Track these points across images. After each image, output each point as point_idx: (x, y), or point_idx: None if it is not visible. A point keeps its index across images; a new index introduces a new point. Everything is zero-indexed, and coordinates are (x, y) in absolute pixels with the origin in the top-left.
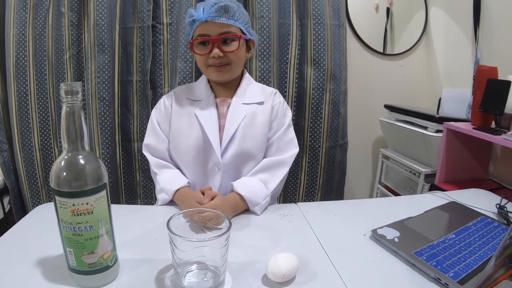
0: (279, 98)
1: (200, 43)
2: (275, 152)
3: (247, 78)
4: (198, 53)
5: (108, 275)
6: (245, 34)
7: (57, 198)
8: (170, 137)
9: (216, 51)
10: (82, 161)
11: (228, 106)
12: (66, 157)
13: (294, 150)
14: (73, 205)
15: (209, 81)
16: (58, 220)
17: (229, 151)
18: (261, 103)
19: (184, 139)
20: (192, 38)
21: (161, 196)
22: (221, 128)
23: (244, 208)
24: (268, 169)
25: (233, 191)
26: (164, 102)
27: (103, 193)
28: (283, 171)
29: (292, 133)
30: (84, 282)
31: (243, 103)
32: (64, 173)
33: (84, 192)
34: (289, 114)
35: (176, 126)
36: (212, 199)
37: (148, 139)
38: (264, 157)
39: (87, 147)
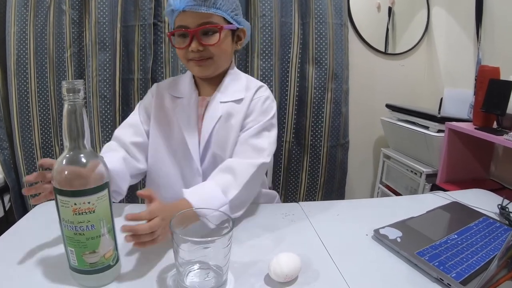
0: (263, 93)
1: (180, 35)
2: (240, 152)
3: (233, 73)
4: (176, 47)
5: (110, 275)
6: (231, 24)
7: (58, 197)
8: (150, 137)
9: (194, 44)
10: (83, 160)
11: (206, 106)
12: (67, 155)
13: (260, 159)
14: (75, 204)
15: (194, 76)
16: (59, 219)
17: (207, 157)
18: (239, 100)
19: (163, 141)
20: (172, 29)
21: None
22: (199, 131)
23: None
24: (230, 171)
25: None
26: (148, 95)
27: (105, 192)
28: (247, 175)
29: (266, 140)
30: (85, 281)
31: (221, 102)
32: (66, 172)
33: (86, 191)
34: (270, 113)
35: (155, 126)
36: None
37: (119, 131)
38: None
39: (88, 146)
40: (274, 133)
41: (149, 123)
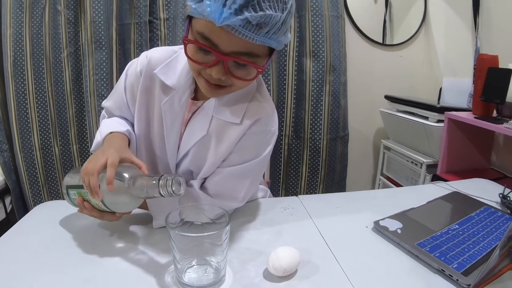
0: (260, 127)
1: (202, 49)
2: (215, 189)
3: (249, 88)
4: (192, 59)
5: None
6: (272, 51)
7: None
8: (134, 121)
9: (216, 71)
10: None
11: (194, 113)
12: (128, 184)
13: (234, 204)
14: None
15: None
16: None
17: (182, 165)
18: (235, 124)
19: (144, 133)
20: (188, 31)
21: (95, 139)
22: (181, 136)
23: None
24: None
25: None
26: (136, 70)
27: None
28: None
29: (247, 184)
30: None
31: (213, 115)
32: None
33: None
34: (262, 152)
35: (139, 115)
36: None
37: (108, 104)
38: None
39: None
40: (260, 174)
41: (135, 105)
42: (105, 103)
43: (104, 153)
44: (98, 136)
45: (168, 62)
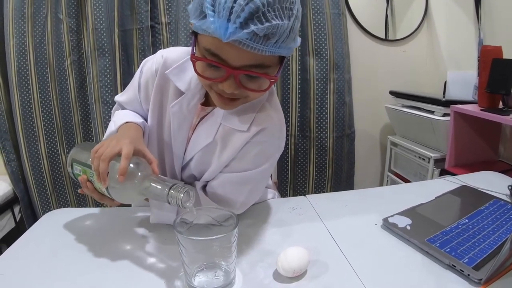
0: (263, 137)
1: (210, 65)
2: (214, 194)
3: (260, 98)
4: (202, 76)
5: None
6: (283, 59)
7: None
8: (148, 118)
9: (228, 86)
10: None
11: (202, 118)
12: (137, 180)
13: (231, 208)
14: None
15: None
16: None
17: (187, 169)
18: (241, 131)
19: (156, 131)
20: (196, 47)
21: (109, 128)
22: (187, 140)
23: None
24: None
25: None
26: (152, 68)
27: None
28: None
29: (245, 192)
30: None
31: (221, 123)
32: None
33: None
34: (263, 163)
35: (151, 113)
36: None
37: (121, 98)
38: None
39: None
40: (262, 183)
41: (149, 102)
42: (118, 98)
43: (119, 141)
44: (112, 126)
45: (180, 64)
